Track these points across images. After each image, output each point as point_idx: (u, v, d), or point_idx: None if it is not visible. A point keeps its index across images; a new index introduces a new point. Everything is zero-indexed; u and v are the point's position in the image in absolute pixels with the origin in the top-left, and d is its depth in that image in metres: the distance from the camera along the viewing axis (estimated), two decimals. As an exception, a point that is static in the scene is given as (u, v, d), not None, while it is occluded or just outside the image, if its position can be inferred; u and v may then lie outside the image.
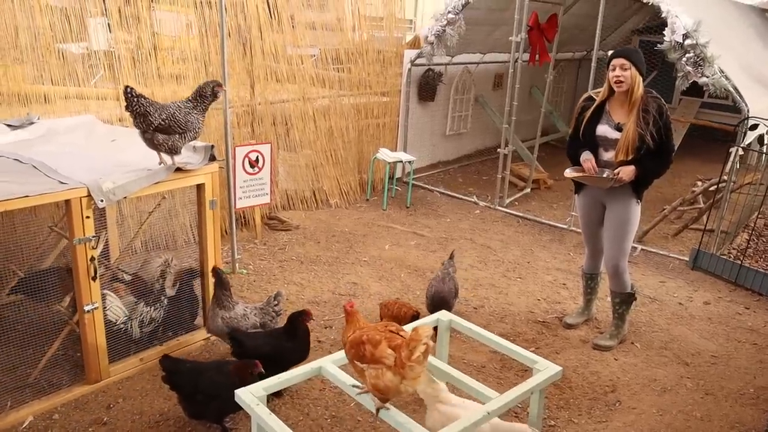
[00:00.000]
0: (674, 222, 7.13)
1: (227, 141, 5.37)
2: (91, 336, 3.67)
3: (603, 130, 4.18)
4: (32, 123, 4.53)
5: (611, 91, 4.12)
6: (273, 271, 5.55)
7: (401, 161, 7.38)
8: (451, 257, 4.86)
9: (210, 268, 4.17)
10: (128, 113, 3.67)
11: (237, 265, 5.57)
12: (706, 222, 6.16)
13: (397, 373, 2.56)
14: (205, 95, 3.79)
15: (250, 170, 5.82)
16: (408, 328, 3.14)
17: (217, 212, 4.19)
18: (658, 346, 4.57)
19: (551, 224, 7.06)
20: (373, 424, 3.57)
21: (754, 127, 5.48)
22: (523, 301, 5.22)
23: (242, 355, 3.64)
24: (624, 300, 4.50)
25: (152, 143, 3.73)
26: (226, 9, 5.03)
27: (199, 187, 4.07)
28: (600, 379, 4.11)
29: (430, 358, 3.25)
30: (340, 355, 3.12)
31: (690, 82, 5.62)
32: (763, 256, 6.06)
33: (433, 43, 7.35)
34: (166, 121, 3.67)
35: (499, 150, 7.41)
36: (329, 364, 3.11)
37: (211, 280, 4.19)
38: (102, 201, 3.51)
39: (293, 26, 6.69)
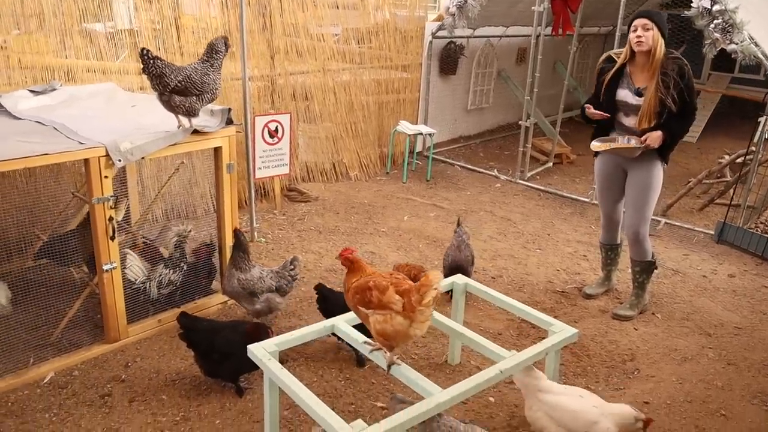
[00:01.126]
0: (699, 197, 6.98)
1: (246, 110, 5.37)
2: (110, 295, 3.72)
3: (623, 95, 4.08)
4: (54, 89, 4.57)
5: (632, 54, 4.02)
6: (291, 240, 5.57)
7: (422, 134, 7.32)
8: (458, 224, 4.79)
9: (229, 231, 4.19)
10: (146, 76, 3.69)
11: (256, 233, 5.59)
12: (732, 196, 6.01)
13: (406, 317, 2.56)
14: (219, 50, 3.78)
15: (269, 140, 5.83)
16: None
17: (234, 176, 4.20)
18: (679, 317, 4.49)
19: (573, 197, 6.97)
20: (387, 386, 3.57)
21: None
22: (542, 271, 5.16)
23: (326, 311, 3.75)
24: (644, 269, 4.41)
25: (169, 105, 3.73)
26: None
27: (217, 151, 4.08)
28: (618, 348, 4.06)
29: (445, 319, 3.24)
30: (353, 315, 3.11)
31: (718, 49, 5.46)
32: (792, 230, 5.90)
33: (454, 15, 7.25)
34: (183, 82, 3.66)
35: (520, 123, 7.31)
36: (342, 323, 3.11)
37: (229, 243, 4.22)
38: (120, 161, 3.53)
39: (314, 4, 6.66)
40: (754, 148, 5.48)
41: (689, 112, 4.00)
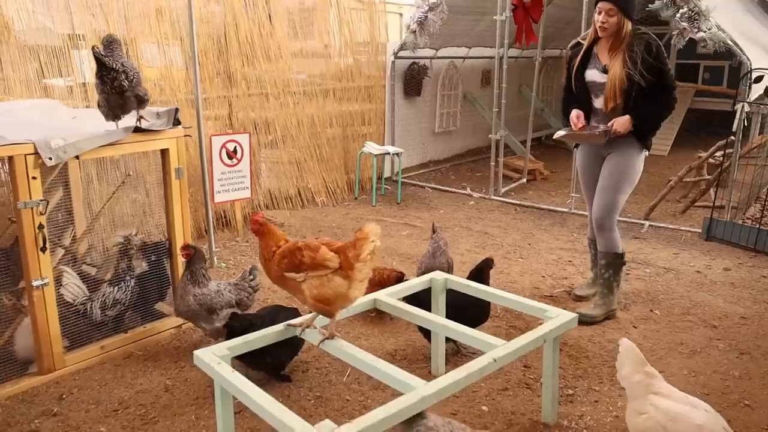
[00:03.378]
0: (680, 201, 6.75)
1: (200, 129, 5.01)
2: (41, 317, 3.23)
3: (591, 74, 3.84)
4: (-14, 104, 4.17)
5: (598, 34, 3.78)
6: (255, 265, 5.11)
7: (388, 153, 7.01)
8: (434, 231, 4.38)
9: (180, 244, 3.75)
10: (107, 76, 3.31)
11: (216, 259, 5.14)
12: (714, 198, 5.77)
13: (344, 277, 2.34)
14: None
15: (228, 162, 5.44)
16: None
17: (184, 183, 3.80)
18: (679, 312, 4.14)
19: (551, 209, 6.67)
20: (363, 403, 3.11)
21: (759, 79, 5.15)
22: (527, 279, 4.79)
23: None
24: (610, 262, 3.99)
25: (138, 100, 3.44)
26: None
27: (164, 153, 3.69)
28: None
29: (425, 313, 2.85)
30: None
31: (686, 39, 5.30)
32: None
33: (415, 32, 7.07)
34: (136, 75, 3.42)
35: (490, 136, 7.06)
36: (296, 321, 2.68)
37: (181, 260, 3.77)
38: (51, 159, 3.13)
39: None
40: (733, 138, 5.26)
41: (663, 92, 3.66)
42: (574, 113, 3.90)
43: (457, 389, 2.23)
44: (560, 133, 3.95)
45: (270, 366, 3.25)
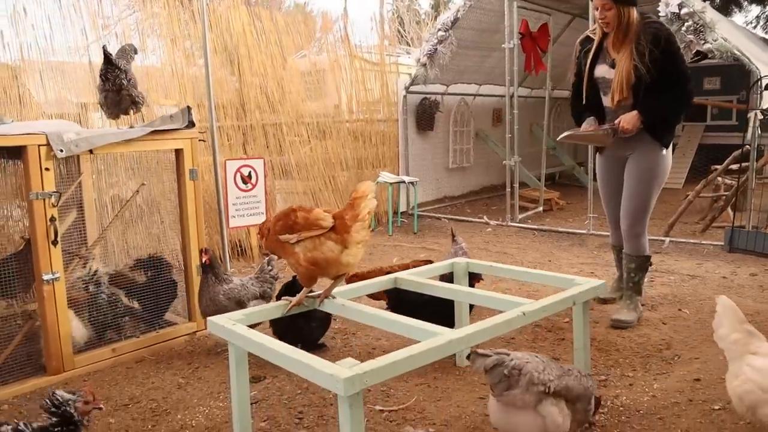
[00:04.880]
0: (698, 222, 6.63)
1: (215, 154, 5.05)
2: (51, 313, 3.16)
3: (601, 70, 3.67)
4: (3, 123, 4.23)
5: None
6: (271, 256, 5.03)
7: (404, 182, 7.00)
8: (453, 236, 4.24)
9: (194, 246, 3.70)
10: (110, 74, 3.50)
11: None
12: (734, 218, 5.67)
13: (338, 241, 2.28)
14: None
15: (242, 186, 5.44)
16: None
17: (198, 185, 3.79)
18: (708, 310, 3.96)
19: (570, 231, 6.57)
20: (383, 390, 2.97)
21: (769, 87, 5.14)
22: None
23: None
24: (640, 265, 3.83)
25: (131, 100, 3.59)
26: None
27: (178, 154, 3.69)
28: (650, 341, 3.51)
29: (451, 285, 2.76)
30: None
31: (693, 52, 5.34)
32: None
33: (426, 65, 7.20)
34: (134, 79, 3.62)
35: (504, 162, 7.05)
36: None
37: (196, 263, 3.72)
38: (62, 151, 3.13)
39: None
40: (748, 147, 5.21)
41: (676, 83, 3.48)
42: (588, 121, 3.68)
43: (484, 338, 2.11)
44: (564, 134, 3.75)
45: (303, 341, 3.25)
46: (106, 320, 3.51)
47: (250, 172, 5.47)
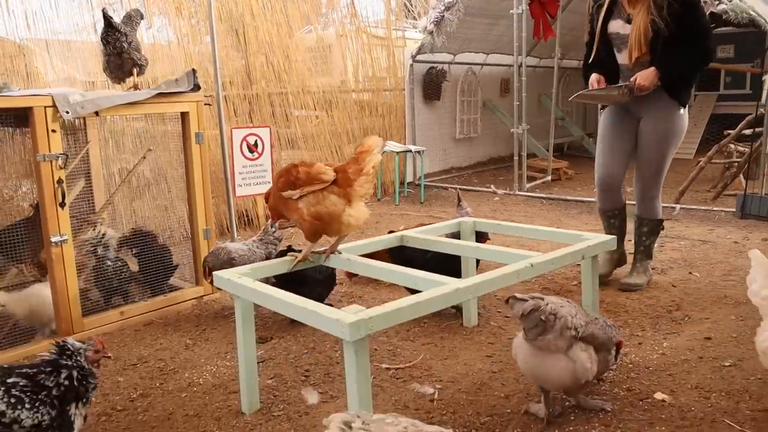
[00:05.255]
0: (710, 191, 6.56)
1: (221, 122, 5.01)
2: (60, 275, 3.16)
3: (614, 26, 3.53)
4: (10, 91, 4.22)
5: None
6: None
7: (410, 151, 6.95)
8: (459, 201, 4.19)
9: (201, 212, 3.70)
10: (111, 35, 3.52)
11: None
12: (746, 187, 5.59)
13: (341, 195, 2.25)
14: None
15: (249, 155, 5.41)
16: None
17: (204, 148, 3.76)
18: (720, 273, 3.94)
19: (578, 200, 6.52)
20: (390, 350, 2.96)
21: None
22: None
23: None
24: (653, 229, 3.76)
25: (133, 63, 3.61)
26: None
27: (184, 117, 3.67)
28: (660, 302, 3.48)
29: (459, 241, 2.73)
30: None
31: (708, 13, 5.21)
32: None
33: (432, 32, 7.10)
34: (137, 42, 3.64)
35: (512, 130, 6.98)
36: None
37: (202, 227, 3.74)
38: (68, 113, 3.11)
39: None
40: (763, 110, 5.11)
41: (696, 37, 3.35)
42: (594, 77, 3.59)
43: (492, 288, 2.10)
44: (578, 93, 3.62)
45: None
46: (112, 285, 3.51)
47: (256, 141, 5.43)
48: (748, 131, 5.80)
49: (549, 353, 2.10)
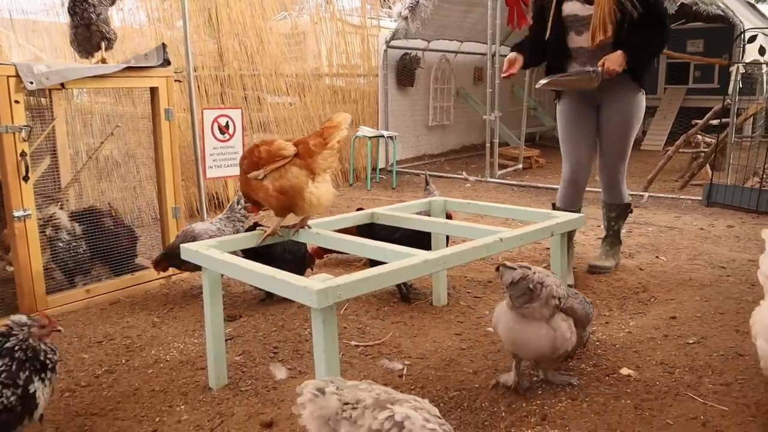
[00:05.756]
0: (677, 180, 6.68)
1: (191, 101, 4.92)
2: (23, 251, 3.08)
3: (570, 7, 3.39)
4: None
5: None
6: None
7: (383, 136, 6.94)
8: (427, 182, 4.16)
9: (170, 191, 3.64)
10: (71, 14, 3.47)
11: (207, 230, 4.99)
12: (711, 177, 5.70)
13: (303, 166, 2.24)
14: None
15: (220, 137, 5.34)
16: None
17: (174, 125, 3.69)
18: (686, 257, 4.02)
19: (549, 187, 6.58)
20: (359, 327, 2.96)
21: (753, 39, 5.12)
22: (530, 244, 4.66)
23: None
24: (621, 213, 3.80)
25: (101, 36, 3.51)
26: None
27: (153, 92, 3.59)
28: (627, 284, 3.53)
29: (428, 218, 2.73)
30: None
31: (678, 4, 5.30)
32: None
33: (407, 18, 7.08)
34: (106, 15, 3.55)
35: (484, 117, 7.01)
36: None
37: (171, 206, 3.67)
38: (32, 83, 3.02)
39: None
40: (730, 101, 5.21)
41: (657, 20, 3.30)
42: (510, 56, 3.48)
43: (461, 261, 2.10)
44: (543, 81, 3.51)
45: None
46: (68, 266, 3.42)
47: (227, 122, 5.36)
48: (715, 121, 5.91)
49: (532, 321, 2.15)
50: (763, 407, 2.14)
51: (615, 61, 3.28)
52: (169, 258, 3.32)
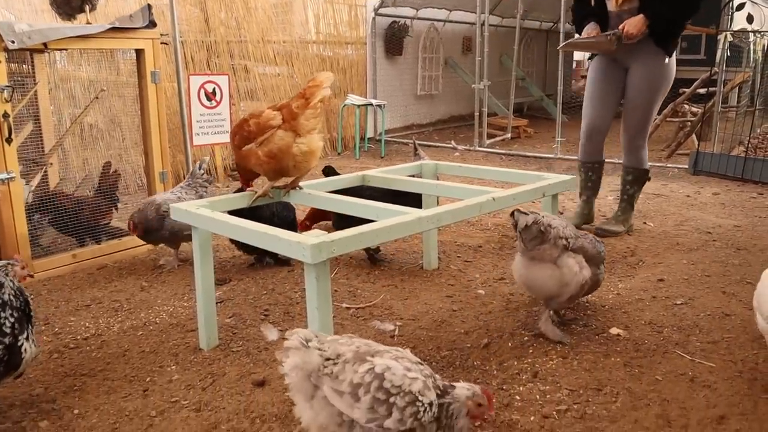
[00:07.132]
0: (664, 150, 6.71)
1: (178, 66, 4.83)
2: (7, 214, 3.03)
3: None
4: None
5: None
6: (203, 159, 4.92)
7: (371, 104, 6.89)
8: (416, 149, 4.17)
9: (157, 155, 3.58)
10: None
11: (194, 197, 4.94)
12: (698, 147, 5.73)
13: (287, 128, 2.26)
14: None
15: (207, 103, 5.27)
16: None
17: (161, 88, 3.62)
18: (673, 223, 4.05)
19: (537, 156, 6.59)
20: (349, 290, 2.96)
21: (741, 6, 5.09)
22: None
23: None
24: (638, 177, 3.82)
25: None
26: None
27: (139, 55, 3.52)
28: (615, 249, 3.56)
29: (420, 180, 2.72)
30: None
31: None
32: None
33: (396, -16, 6.97)
34: None
35: (473, 86, 6.97)
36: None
37: (159, 170, 3.63)
38: (13, 42, 2.94)
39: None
40: (717, 70, 5.21)
41: None
42: (590, 27, 3.54)
43: (454, 219, 2.10)
44: (565, 42, 3.69)
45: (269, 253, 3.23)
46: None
47: (214, 89, 5.29)
48: (702, 90, 5.92)
49: (540, 263, 2.28)
50: (749, 363, 2.18)
51: (634, 24, 3.33)
52: (146, 237, 3.30)
